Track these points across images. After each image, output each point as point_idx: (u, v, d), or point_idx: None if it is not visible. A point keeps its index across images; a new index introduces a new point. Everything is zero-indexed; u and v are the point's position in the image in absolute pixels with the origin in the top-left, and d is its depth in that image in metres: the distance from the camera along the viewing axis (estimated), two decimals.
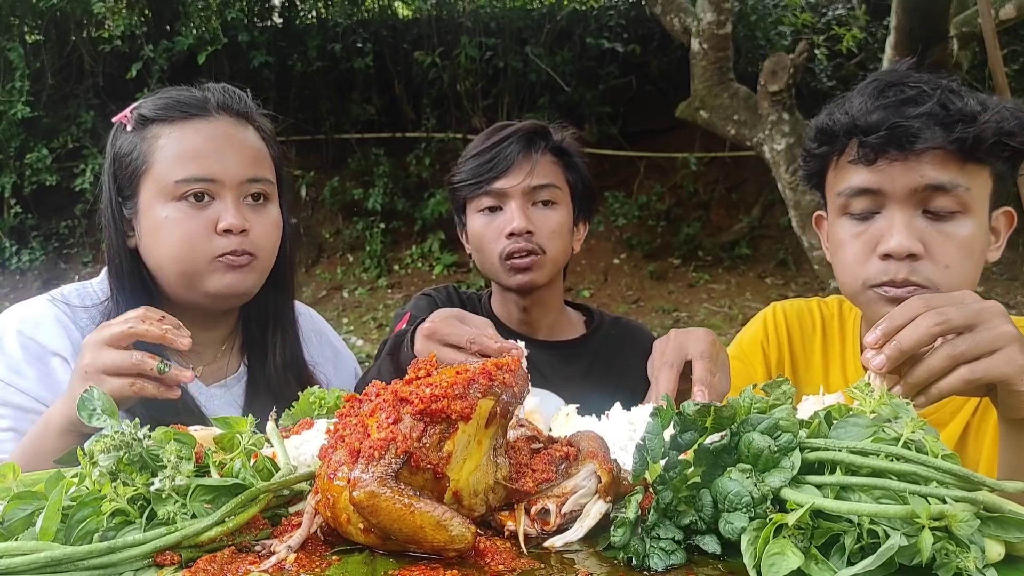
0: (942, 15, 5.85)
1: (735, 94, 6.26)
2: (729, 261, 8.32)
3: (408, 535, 0.86)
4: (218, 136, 1.54)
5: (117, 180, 1.57)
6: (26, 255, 8.61)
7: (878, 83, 1.44)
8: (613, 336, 2.08)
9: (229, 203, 1.52)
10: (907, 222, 1.38)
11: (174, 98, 1.57)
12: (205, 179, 1.51)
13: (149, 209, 1.53)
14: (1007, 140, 1.36)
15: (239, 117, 1.59)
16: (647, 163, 8.76)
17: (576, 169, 1.98)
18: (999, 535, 0.84)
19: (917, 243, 1.37)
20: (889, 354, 1.07)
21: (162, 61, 7.96)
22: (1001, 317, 1.08)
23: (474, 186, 1.91)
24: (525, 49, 8.58)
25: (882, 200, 1.40)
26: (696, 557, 0.90)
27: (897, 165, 1.37)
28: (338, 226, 9.00)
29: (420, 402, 0.89)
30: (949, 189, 1.36)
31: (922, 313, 1.08)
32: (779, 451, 0.89)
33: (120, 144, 1.57)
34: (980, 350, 1.07)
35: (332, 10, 9.08)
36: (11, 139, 8.35)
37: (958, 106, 1.36)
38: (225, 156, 1.53)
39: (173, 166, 1.51)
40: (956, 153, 1.35)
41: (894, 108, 1.38)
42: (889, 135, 1.36)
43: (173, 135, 1.53)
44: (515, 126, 1.95)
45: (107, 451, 0.90)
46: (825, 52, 8.08)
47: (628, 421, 1.25)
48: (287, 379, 1.70)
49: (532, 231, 1.87)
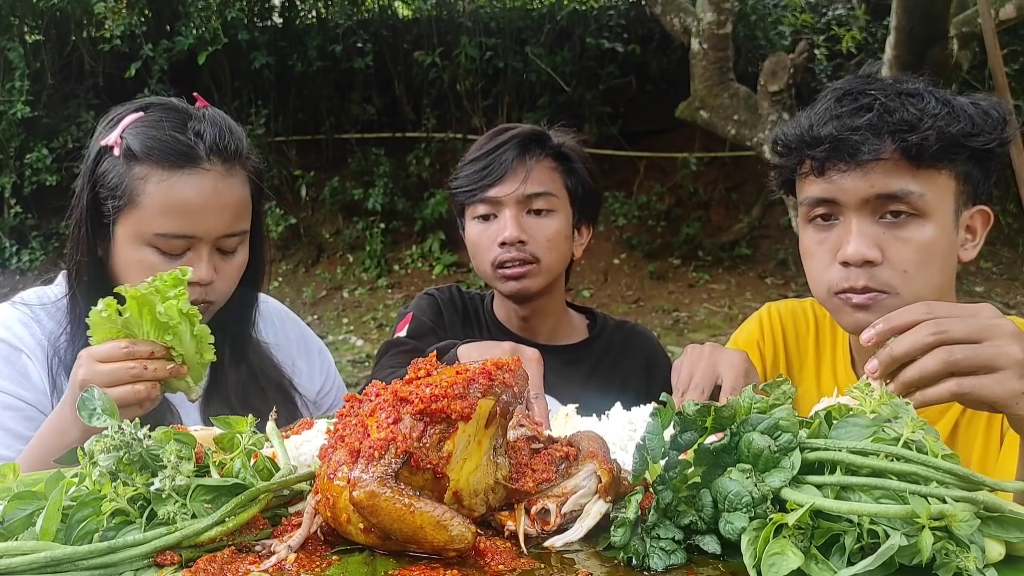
0: (942, 15, 5.85)
1: (735, 94, 6.26)
2: (729, 261, 8.31)
3: (408, 535, 0.86)
4: (205, 192, 1.52)
5: (96, 202, 1.56)
6: (26, 255, 8.60)
7: (836, 92, 1.44)
8: (616, 342, 2.06)
9: (203, 256, 1.54)
10: (862, 229, 1.37)
11: (166, 142, 1.52)
12: (185, 236, 1.52)
13: (124, 244, 1.54)
14: (963, 139, 1.34)
15: (229, 164, 1.56)
16: (647, 163, 8.75)
17: (576, 174, 1.94)
18: (999, 535, 0.84)
19: (873, 250, 1.36)
20: (881, 359, 1.07)
21: (162, 61, 7.94)
22: (1010, 337, 1.05)
23: (469, 193, 1.89)
24: (525, 49, 8.58)
25: (839, 208, 1.41)
26: (696, 557, 0.90)
27: (848, 175, 1.37)
28: (338, 226, 8.99)
29: (420, 402, 0.89)
30: (901, 197, 1.36)
31: (922, 321, 1.07)
32: (779, 451, 0.89)
33: (105, 169, 1.55)
34: (976, 364, 1.04)
35: (332, 10, 9.08)
36: (11, 139, 8.34)
37: (900, 115, 1.35)
38: (209, 213, 1.53)
39: (156, 216, 1.51)
40: (905, 159, 1.35)
41: (842, 120, 1.38)
42: (832, 148, 1.37)
43: (162, 184, 1.50)
44: (513, 131, 1.92)
45: (107, 451, 0.90)
46: (825, 52, 8.07)
47: (628, 421, 1.25)
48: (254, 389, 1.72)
49: (525, 240, 1.85)
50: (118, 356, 1.27)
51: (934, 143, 1.33)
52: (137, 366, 1.27)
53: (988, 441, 1.44)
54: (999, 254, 8.05)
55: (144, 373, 1.27)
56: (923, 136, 1.33)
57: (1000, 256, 8.03)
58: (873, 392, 0.96)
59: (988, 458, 1.43)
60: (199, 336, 1.31)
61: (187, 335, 1.29)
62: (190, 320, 1.28)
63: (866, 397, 0.95)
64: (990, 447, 1.44)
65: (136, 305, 1.26)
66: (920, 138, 1.33)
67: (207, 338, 1.32)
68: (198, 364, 1.33)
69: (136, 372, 1.27)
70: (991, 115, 1.38)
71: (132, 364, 1.27)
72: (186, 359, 1.31)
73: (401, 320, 1.97)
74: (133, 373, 1.27)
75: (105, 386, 1.25)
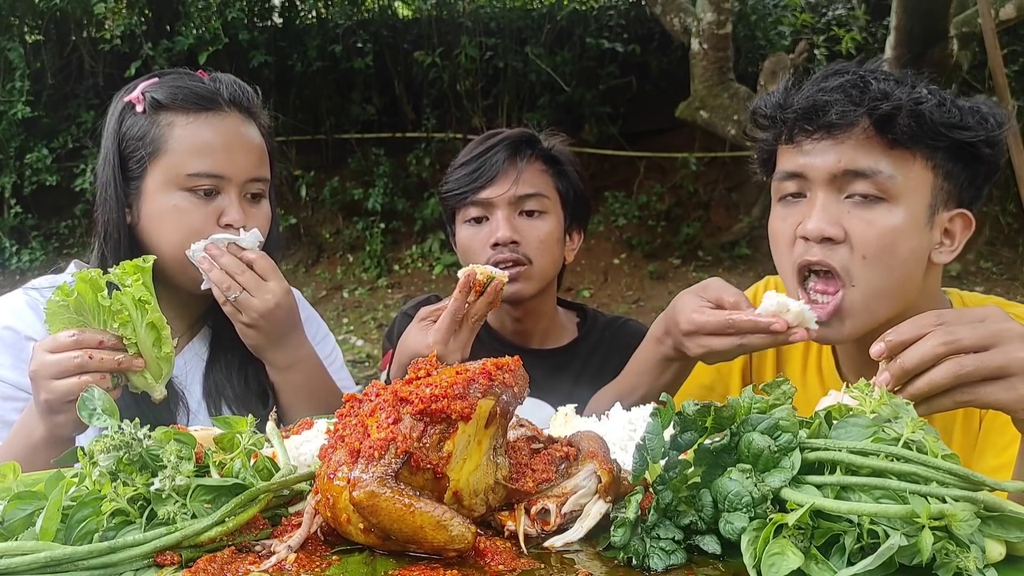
0: (942, 15, 5.85)
1: (735, 94, 6.26)
2: (729, 261, 8.31)
3: (408, 535, 0.86)
4: (230, 133, 1.60)
5: (123, 159, 1.60)
6: (26, 255, 8.59)
7: (826, 71, 1.43)
8: (606, 339, 2.06)
9: (233, 199, 1.59)
10: (826, 205, 1.36)
11: (189, 87, 1.60)
12: (216, 175, 1.57)
13: (155, 194, 1.57)
14: (944, 128, 1.31)
15: (246, 113, 1.65)
16: (647, 163, 8.75)
17: (567, 177, 1.94)
18: (999, 535, 0.84)
19: (834, 227, 1.34)
20: (893, 372, 1.07)
21: (162, 61, 7.94)
22: (1019, 341, 1.05)
23: (460, 196, 1.89)
24: (525, 49, 8.57)
25: (807, 184, 1.39)
26: (696, 557, 0.90)
27: (820, 146, 1.36)
28: (338, 226, 8.99)
29: (420, 402, 0.89)
30: (869, 175, 1.33)
31: (931, 331, 1.06)
32: (779, 451, 0.89)
33: (129, 125, 1.60)
34: (985, 373, 1.04)
35: (332, 10, 9.08)
36: (11, 139, 8.33)
37: (877, 87, 1.33)
38: (235, 154, 1.59)
39: (187, 158, 1.56)
40: (878, 136, 1.33)
41: (819, 87, 1.37)
42: (803, 112, 1.36)
43: (189, 126, 1.57)
44: (503, 134, 1.92)
45: (107, 451, 0.90)
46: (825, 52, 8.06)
47: (628, 421, 1.25)
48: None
49: (518, 241, 1.84)
50: (65, 345, 1.22)
51: (907, 119, 1.30)
52: (82, 355, 1.21)
53: (967, 436, 1.44)
54: (999, 254, 8.04)
55: (89, 363, 1.21)
56: (894, 106, 1.30)
57: (1000, 256, 8.02)
58: (873, 392, 0.96)
59: (968, 451, 1.42)
60: (153, 324, 1.23)
61: (140, 324, 1.22)
62: (143, 308, 1.21)
63: (866, 397, 0.95)
64: (968, 439, 1.43)
65: (88, 289, 1.20)
66: (892, 108, 1.30)
67: (163, 328, 1.25)
68: (157, 358, 1.25)
69: (80, 362, 1.21)
70: (981, 112, 1.35)
71: (77, 354, 1.22)
72: (141, 350, 1.24)
73: (385, 356, 1.96)
74: (77, 363, 1.21)
75: (52, 378, 1.23)
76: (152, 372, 1.27)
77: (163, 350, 1.27)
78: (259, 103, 1.70)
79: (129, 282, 1.22)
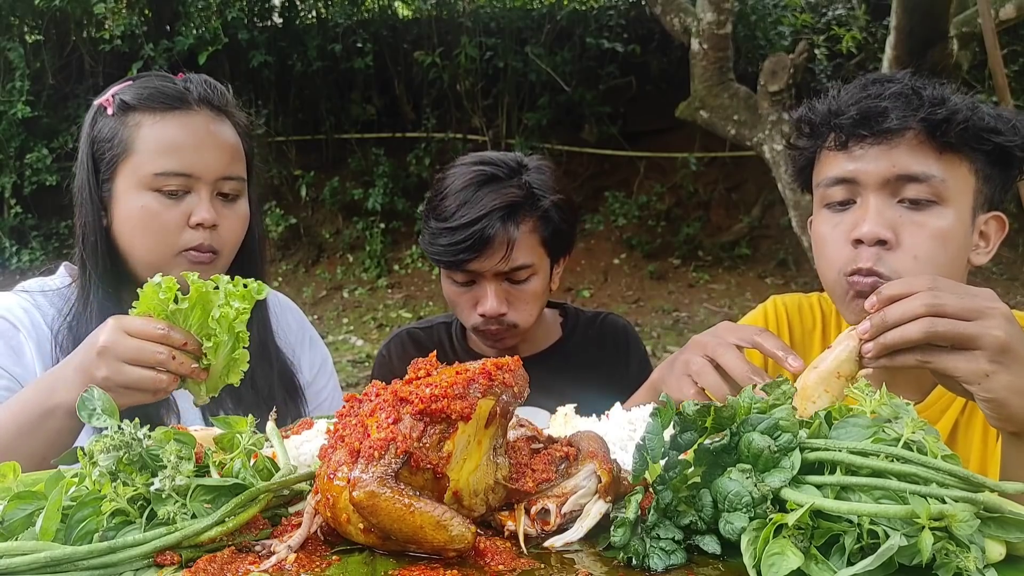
0: (942, 15, 5.85)
1: (735, 94, 6.26)
2: (729, 261, 8.32)
3: (408, 535, 0.86)
4: (198, 131, 1.58)
5: (95, 162, 1.60)
6: (26, 255, 8.60)
7: (865, 80, 1.45)
8: (589, 336, 2.05)
9: (204, 197, 1.57)
10: (879, 209, 1.37)
11: (157, 88, 1.59)
12: (183, 174, 1.55)
13: (125, 195, 1.57)
14: (985, 133, 1.35)
15: (217, 111, 1.62)
16: (647, 163, 8.75)
17: (550, 220, 1.81)
18: (999, 535, 0.84)
19: (888, 230, 1.36)
20: (874, 322, 1.09)
21: (162, 61, 7.95)
22: (1000, 320, 1.06)
23: (447, 264, 1.81)
24: (525, 49, 8.58)
25: (857, 189, 1.40)
26: (696, 557, 0.90)
27: (872, 152, 1.37)
28: (338, 226, 9.00)
29: (420, 402, 0.89)
30: (923, 179, 1.35)
31: (920, 291, 1.07)
32: (779, 451, 0.89)
33: (100, 128, 1.60)
34: (954, 339, 1.05)
35: (332, 10, 9.08)
36: (11, 139, 8.34)
37: (929, 92, 1.36)
38: (204, 152, 1.57)
39: (153, 157, 1.55)
40: (929, 141, 1.35)
41: (870, 92, 1.39)
42: (859, 116, 1.37)
43: (155, 126, 1.56)
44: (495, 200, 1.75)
45: (107, 451, 0.90)
46: (825, 52, 8.07)
47: (628, 421, 1.25)
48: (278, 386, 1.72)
49: (505, 312, 1.81)
50: (152, 335, 1.20)
51: (961, 121, 1.33)
52: (166, 353, 1.20)
53: (987, 441, 1.44)
54: (999, 254, 8.01)
55: (169, 363, 1.20)
56: (952, 111, 1.33)
57: (1000, 256, 8.02)
58: (873, 392, 0.96)
59: (988, 458, 1.43)
60: (236, 358, 1.23)
61: (225, 350, 1.21)
62: (237, 338, 1.21)
63: (866, 397, 0.95)
64: (989, 446, 1.44)
65: (196, 296, 1.19)
66: (949, 112, 1.33)
67: (242, 363, 1.25)
68: (219, 379, 1.25)
69: (162, 359, 1.20)
70: (1005, 117, 1.39)
71: (161, 349, 1.20)
72: (211, 370, 1.23)
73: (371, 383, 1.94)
74: (159, 359, 1.20)
75: (124, 360, 1.20)
76: (209, 387, 1.25)
77: (230, 377, 1.26)
78: (234, 101, 1.67)
79: (236, 305, 1.19)
